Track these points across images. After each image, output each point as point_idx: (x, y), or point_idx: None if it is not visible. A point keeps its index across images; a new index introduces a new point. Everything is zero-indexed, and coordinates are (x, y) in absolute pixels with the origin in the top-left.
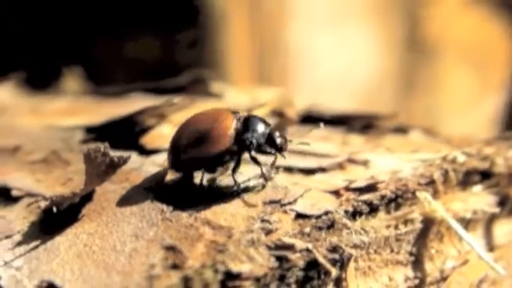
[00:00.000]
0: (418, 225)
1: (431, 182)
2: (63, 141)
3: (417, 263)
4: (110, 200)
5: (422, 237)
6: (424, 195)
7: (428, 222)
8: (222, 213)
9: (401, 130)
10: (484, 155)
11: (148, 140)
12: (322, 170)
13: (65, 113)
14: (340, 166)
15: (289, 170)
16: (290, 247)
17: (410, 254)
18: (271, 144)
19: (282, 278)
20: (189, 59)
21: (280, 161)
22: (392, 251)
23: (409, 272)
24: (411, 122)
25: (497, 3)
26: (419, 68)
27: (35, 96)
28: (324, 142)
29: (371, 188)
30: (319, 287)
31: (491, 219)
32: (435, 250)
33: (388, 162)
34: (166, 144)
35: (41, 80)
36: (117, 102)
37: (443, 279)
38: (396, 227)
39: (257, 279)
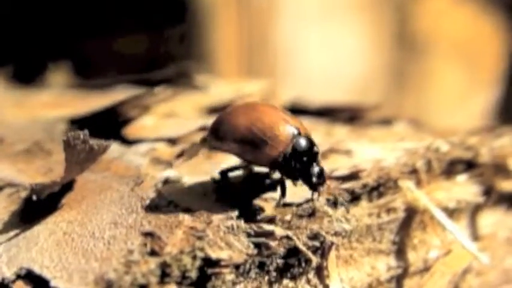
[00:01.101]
0: (401, 214)
1: (414, 171)
2: (46, 132)
3: (400, 252)
4: (90, 189)
5: (405, 227)
6: (406, 184)
7: (411, 212)
8: (197, 200)
9: (386, 121)
10: (468, 145)
11: (130, 131)
12: None
13: (50, 106)
14: (323, 155)
15: None
16: (270, 234)
17: (393, 243)
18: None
19: (261, 266)
20: (178, 54)
21: None
22: (374, 239)
23: (392, 261)
24: (401, 117)
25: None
26: (410, 64)
27: (21, 90)
28: None
29: (353, 176)
30: (300, 275)
31: (476, 209)
32: (418, 239)
33: (371, 151)
34: (148, 135)
35: (28, 75)
36: (102, 95)
37: (427, 269)
38: (379, 216)
39: (236, 267)
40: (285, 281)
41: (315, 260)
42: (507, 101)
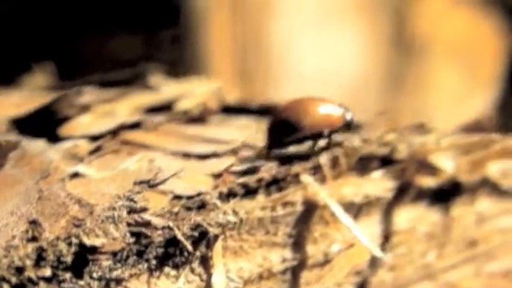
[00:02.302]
0: (299, 208)
1: (318, 166)
2: None
3: (297, 245)
4: (6, 182)
5: (304, 220)
6: (307, 179)
7: (311, 206)
8: (94, 192)
9: None
10: (384, 141)
11: (65, 129)
12: (216, 155)
13: (13, 106)
14: (234, 151)
15: (186, 155)
16: (149, 224)
17: (290, 236)
18: None
19: (140, 254)
20: (171, 57)
21: (180, 146)
22: (268, 232)
23: (287, 253)
24: (399, 120)
25: (486, 1)
26: (407, 66)
27: None
28: (240, 130)
29: (251, 171)
30: (183, 264)
31: (390, 205)
32: (319, 233)
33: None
34: (78, 132)
35: (10, 75)
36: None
37: (328, 262)
38: (273, 209)
39: (114, 254)
40: (167, 269)
41: (191, 249)
42: (506, 102)
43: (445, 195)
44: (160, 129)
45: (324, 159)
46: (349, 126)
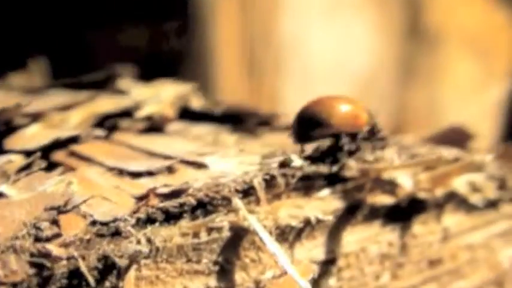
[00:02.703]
0: (227, 234)
1: (251, 188)
2: None
3: (224, 272)
4: None
5: (232, 246)
6: (237, 202)
7: (241, 231)
8: (6, 217)
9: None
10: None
11: (11, 141)
12: (150, 173)
13: None
14: (170, 169)
15: (121, 172)
16: (50, 255)
17: (215, 263)
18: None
19: (41, 286)
20: (179, 49)
21: (118, 162)
22: (189, 260)
23: (212, 281)
24: (414, 113)
25: None
26: (421, 57)
27: None
28: (194, 141)
29: (175, 194)
30: None
31: (338, 226)
32: (250, 259)
33: (224, 165)
34: (20, 146)
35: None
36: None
37: None
38: (196, 235)
39: (14, 285)
40: None
41: (92, 283)
42: None
43: (405, 213)
44: (109, 140)
45: (257, 180)
46: (373, 132)
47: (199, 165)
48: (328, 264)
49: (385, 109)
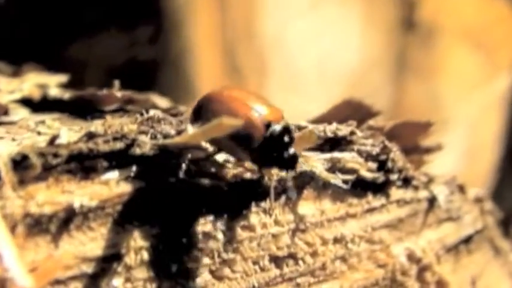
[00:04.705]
0: None
1: None
2: None
3: None
4: None
5: None
6: None
7: None
8: None
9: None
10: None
11: None
12: None
13: None
14: None
15: None
16: None
17: None
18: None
19: None
20: (157, 54)
21: None
22: None
23: None
24: (411, 109)
25: None
26: (416, 51)
27: None
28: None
29: None
30: None
31: (124, 215)
32: None
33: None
34: None
35: None
36: None
37: None
38: None
39: None
40: None
41: None
42: None
43: (233, 199)
44: None
45: (2, 160)
46: None
47: None
48: (110, 261)
49: (380, 106)
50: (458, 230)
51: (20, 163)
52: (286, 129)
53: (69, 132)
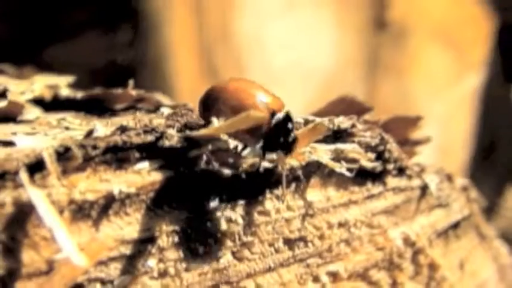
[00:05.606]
0: (10, 209)
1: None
2: None
3: (8, 251)
4: None
5: (17, 223)
6: (21, 177)
7: (27, 207)
8: None
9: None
10: (151, 127)
11: None
12: None
13: None
14: None
15: None
16: None
17: None
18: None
19: None
20: (135, 56)
21: None
22: None
23: None
24: (384, 107)
25: None
26: (388, 50)
27: None
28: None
29: None
30: None
31: (156, 201)
32: (41, 237)
33: (34, 141)
34: None
35: None
36: None
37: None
38: None
39: None
40: None
41: None
42: (494, 84)
43: (250, 187)
44: None
45: (48, 152)
46: None
47: (6, 143)
48: (145, 244)
49: None
50: (448, 216)
51: (62, 154)
52: (288, 117)
53: (101, 126)
